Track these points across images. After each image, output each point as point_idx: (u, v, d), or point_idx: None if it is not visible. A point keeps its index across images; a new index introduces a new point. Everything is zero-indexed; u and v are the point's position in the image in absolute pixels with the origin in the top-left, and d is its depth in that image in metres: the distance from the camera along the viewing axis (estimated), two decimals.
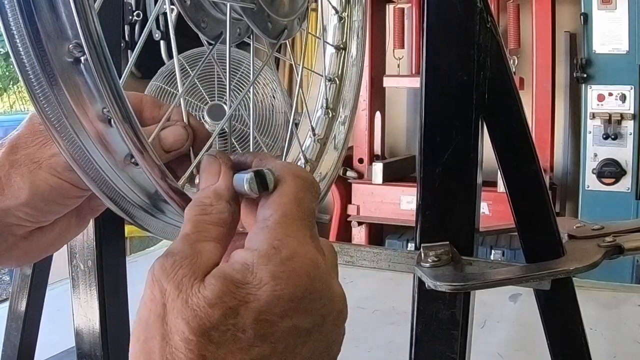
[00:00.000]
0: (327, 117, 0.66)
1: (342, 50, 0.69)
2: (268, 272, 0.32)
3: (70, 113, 0.35)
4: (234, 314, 0.31)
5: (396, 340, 1.10)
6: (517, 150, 0.52)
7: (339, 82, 0.68)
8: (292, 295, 0.32)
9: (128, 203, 0.40)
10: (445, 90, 0.52)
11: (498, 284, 0.49)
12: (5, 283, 4.28)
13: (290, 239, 0.34)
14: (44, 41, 0.33)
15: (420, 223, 0.53)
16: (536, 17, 2.71)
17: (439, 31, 0.52)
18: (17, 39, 0.33)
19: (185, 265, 0.32)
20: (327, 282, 0.35)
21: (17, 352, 0.90)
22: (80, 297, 0.75)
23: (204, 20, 0.45)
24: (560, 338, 0.54)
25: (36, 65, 0.33)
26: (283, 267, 0.32)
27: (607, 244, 0.53)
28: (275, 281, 0.32)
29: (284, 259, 0.33)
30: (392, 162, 3.05)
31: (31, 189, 0.42)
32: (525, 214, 0.53)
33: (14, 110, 6.32)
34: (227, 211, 0.36)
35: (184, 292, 0.31)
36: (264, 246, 0.33)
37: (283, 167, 0.37)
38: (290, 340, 0.32)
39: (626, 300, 1.31)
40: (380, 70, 3.07)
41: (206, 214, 0.36)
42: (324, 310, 0.34)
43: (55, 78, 0.33)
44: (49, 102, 0.34)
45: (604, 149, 2.52)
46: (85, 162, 0.37)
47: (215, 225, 0.35)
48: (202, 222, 0.35)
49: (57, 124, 0.35)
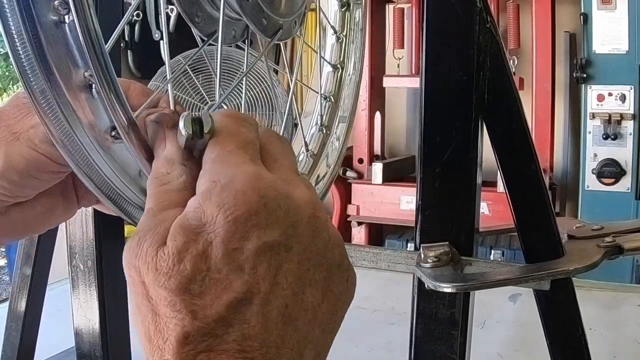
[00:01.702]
0: (321, 133, 0.67)
1: (339, 69, 0.69)
2: (214, 203, 0.31)
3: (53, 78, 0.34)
4: (203, 258, 0.31)
5: (396, 341, 1.10)
6: (516, 150, 0.52)
7: (334, 100, 0.68)
8: (245, 213, 0.31)
9: (109, 187, 0.39)
10: (445, 90, 0.52)
11: (498, 284, 0.49)
12: (5, 283, 4.27)
13: (227, 167, 0.33)
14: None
15: (420, 223, 0.53)
16: (536, 17, 2.71)
17: (438, 31, 0.52)
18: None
19: (148, 238, 0.32)
20: (283, 190, 0.33)
21: (17, 352, 0.90)
22: (80, 297, 0.75)
23: (198, 15, 0.45)
24: (560, 338, 0.54)
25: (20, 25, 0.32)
26: (226, 192, 0.32)
27: (606, 244, 0.53)
28: (224, 207, 0.31)
29: (223, 186, 0.32)
30: (392, 162, 3.05)
31: (5, 160, 0.40)
32: (525, 214, 0.53)
33: None
34: (184, 173, 0.35)
35: (152, 261, 0.31)
36: (205, 185, 0.33)
37: (215, 113, 0.37)
38: (268, 260, 0.31)
39: (626, 300, 1.32)
40: (380, 70, 3.07)
41: (165, 184, 0.35)
42: (289, 218, 0.33)
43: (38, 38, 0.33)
44: (32, 69, 0.33)
45: (603, 149, 2.52)
46: (67, 138, 0.36)
47: (176, 192, 0.35)
48: (162, 192, 0.35)
49: (40, 93, 0.34)
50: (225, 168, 0.33)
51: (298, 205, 0.33)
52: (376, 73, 2.99)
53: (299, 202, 0.34)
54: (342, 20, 0.69)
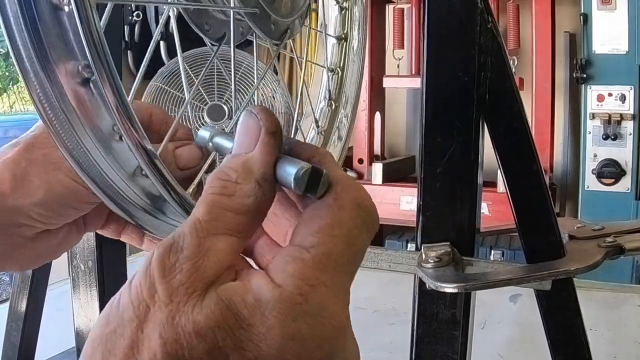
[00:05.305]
0: (330, 108, 0.67)
1: (343, 40, 0.69)
2: (282, 324, 0.25)
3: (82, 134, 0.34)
4: (221, 356, 0.25)
5: (397, 341, 1.10)
6: (517, 150, 0.52)
7: (341, 72, 0.68)
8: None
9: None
10: (445, 90, 0.52)
11: (499, 285, 0.49)
12: (5, 283, 4.27)
13: (325, 289, 0.27)
14: (53, 64, 0.33)
15: (421, 223, 0.53)
16: (536, 18, 2.71)
17: (439, 32, 0.52)
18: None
19: (186, 270, 0.26)
20: (346, 351, 0.28)
21: (17, 352, 0.90)
22: (81, 298, 0.75)
23: (208, 23, 0.45)
24: (560, 338, 0.54)
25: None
26: (302, 326, 0.25)
27: (607, 244, 0.53)
28: (286, 341, 0.25)
29: (309, 314, 0.26)
30: (392, 162, 3.05)
31: (47, 189, 0.41)
32: (525, 214, 0.53)
33: (14, 110, 6.32)
34: (253, 195, 0.28)
35: (174, 305, 0.25)
36: (289, 286, 0.26)
37: (346, 181, 0.29)
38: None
39: (626, 301, 1.32)
40: (380, 71, 3.07)
41: (226, 195, 0.28)
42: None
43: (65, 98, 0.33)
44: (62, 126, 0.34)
45: (603, 149, 2.52)
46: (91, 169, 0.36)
47: (234, 213, 0.28)
48: (219, 206, 0.28)
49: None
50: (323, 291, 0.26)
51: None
52: (376, 73, 2.99)
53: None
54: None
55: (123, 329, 0.26)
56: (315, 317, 0.26)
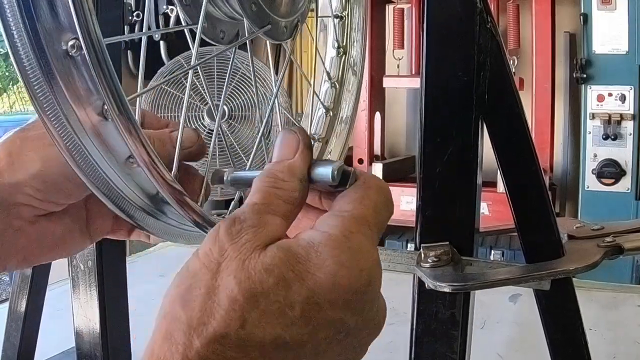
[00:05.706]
0: (334, 89, 0.68)
1: (340, 19, 0.70)
2: (333, 255, 0.32)
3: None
4: (287, 285, 0.31)
5: (396, 341, 1.10)
6: (517, 150, 0.52)
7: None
8: (349, 287, 0.32)
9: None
10: (445, 90, 0.52)
11: (498, 284, 0.49)
12: (5, 283, 4.27)
13: (362, 236, 0.34)
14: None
15: (420, 223, 0.53)
16: (536, 18, 2.71)
17: (439, 31, 0.52)
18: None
19: (250, 233, 0.32)
20: (379, 292, 0.35)
21: (17, 353, 0.89)
22: (80, 298, 0.75)
23: (222, 31, 0.46)
24: (560, 338, 0.54)
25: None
26: (350, 256, 0.32)
27: (607, 244, 0.53)
28: (339, 267, 0.31)
29: (352, 249, 0.32)
30: (392, 162, 3.05)
31: (43, 161, 0.42)
32: (525, 214, 0.53)
33: (14, 110, 6.32)
34: (298, 190, 0.36)
35: (243, 254, 0.31)
36: (335, 231, 0.33)
37: (368, 174, 0.38)
38: (330, 333, 0.32)
39: (626, 301, 1.31)
40: (380, 71, 3.07)
41: (277, 188, 0.35)
42: (369, 315, 0.34)
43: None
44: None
45: (603, 149, 2.52)
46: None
47: (284, 202, 0.35)
48: (272, 194, 0.35)
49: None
50: (360, 236, 0.34)
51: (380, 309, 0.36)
52: (376, 73, 2.99)
53: (382, 307, 0.36)
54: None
55: (198, 282, 0.31)
56: (356, 252, 0.33)
